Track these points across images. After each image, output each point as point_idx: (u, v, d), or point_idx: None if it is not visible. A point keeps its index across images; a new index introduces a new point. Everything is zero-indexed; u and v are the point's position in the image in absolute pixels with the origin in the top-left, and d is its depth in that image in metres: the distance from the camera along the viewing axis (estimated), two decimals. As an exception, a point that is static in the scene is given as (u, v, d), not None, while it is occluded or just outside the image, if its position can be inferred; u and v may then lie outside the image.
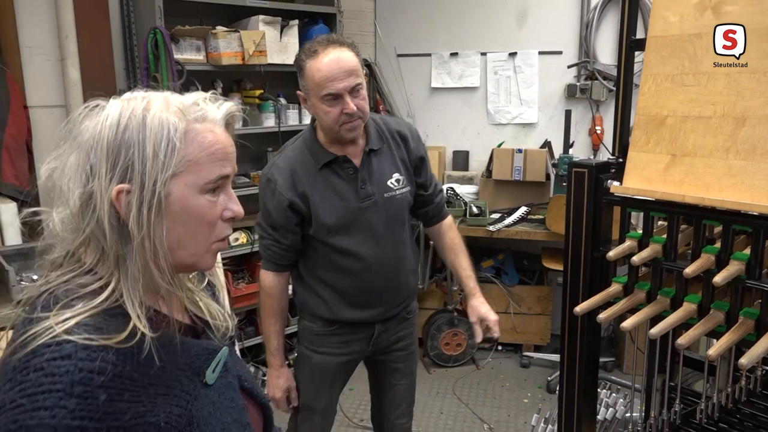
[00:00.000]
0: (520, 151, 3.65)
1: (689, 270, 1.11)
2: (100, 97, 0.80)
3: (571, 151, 3.51)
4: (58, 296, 0.75)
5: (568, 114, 3.44)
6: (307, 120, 3.55)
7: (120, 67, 3.09)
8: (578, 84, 3.78)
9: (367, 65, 3.95)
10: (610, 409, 1.66)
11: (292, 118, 3.48)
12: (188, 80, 2.94)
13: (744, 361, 0.99)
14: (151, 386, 0.74)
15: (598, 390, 1.80)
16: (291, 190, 1.68)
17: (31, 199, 0.92)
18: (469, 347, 3.69)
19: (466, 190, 3.81)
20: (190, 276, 0.91)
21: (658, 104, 1.23)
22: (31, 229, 0.87)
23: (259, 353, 3.41)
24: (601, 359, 3.63)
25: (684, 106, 1.20)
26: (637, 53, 1.36)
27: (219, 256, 0.90)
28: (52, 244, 0.80)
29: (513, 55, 3.89)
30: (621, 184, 1.28)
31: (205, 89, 2.56)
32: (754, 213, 1.11)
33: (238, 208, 0.84)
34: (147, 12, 2.91)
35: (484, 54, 3.95)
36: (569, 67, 3.79)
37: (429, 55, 4.04)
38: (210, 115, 0.81)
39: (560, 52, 3.82)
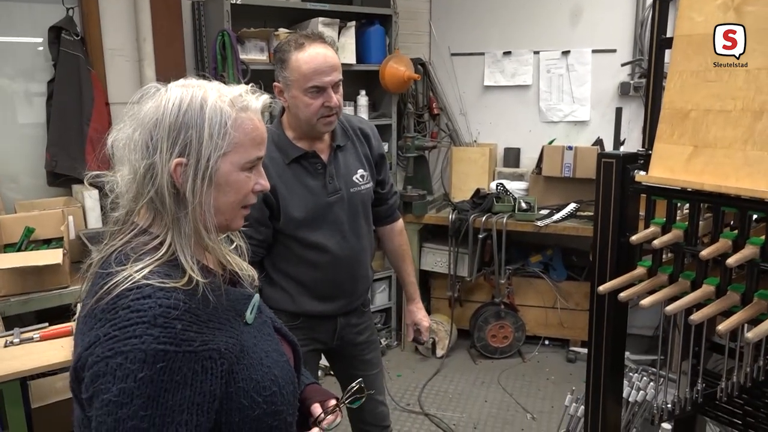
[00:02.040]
0: (570, 148, 3.69)
1: (705, 252, 1.19)
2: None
3: (622, 148, 3.53)
4: (127, 253, 0.92)
5: (618, 111, 3.46)
6: (361, 116, 3.72)
7: (191, 67, 3.33)
8: (632, 82, 3.79)
9: (421, 64, 4.07)
10: (641, 392, 1.73)
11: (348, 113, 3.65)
12: (252, 79, 3.16)
13: (750, 335, 1.07)
14: (210, 321, 0.92)
15: (634, 375, 1.88)
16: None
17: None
18: (515, 340, 3.76)
19: (516, 187, 3.88)
20: (221, 237, 1.09)
21: (682, 99, 1.31)
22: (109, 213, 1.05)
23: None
24: (652, 357, 3.64)
25: (707, 100, 1.27)
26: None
27: None
28: (116, 203, 0.97)
29: (566, 53, 3.93)
30: (647, 173, 1.37)
31: (267, 87, 2.75)
32: (772, 201, 1.18)
33: (266, 183, 1.02)
34: (216, 16, 3.14)
35: (537, 52, 4.01)
36: (623, 65, 3.80)
37: (482, 54, 4.13)
38: (252, 105, 0.98)
39: (614, 50, 3.83)
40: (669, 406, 1.47)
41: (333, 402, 1.15)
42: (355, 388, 1.18)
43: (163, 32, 3.16)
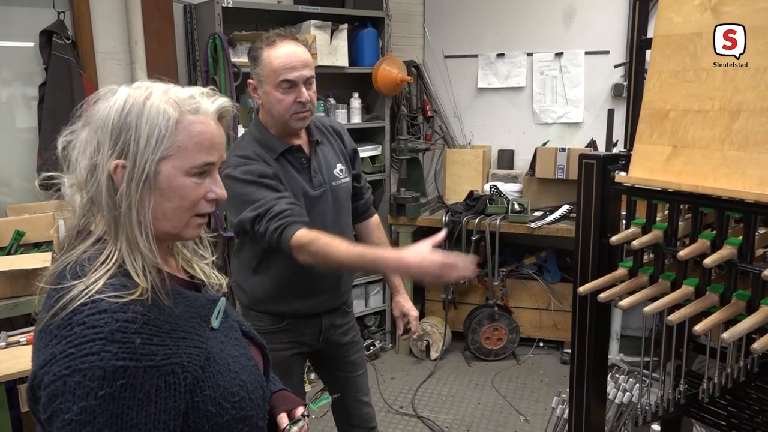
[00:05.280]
0: (563, 149, 3.68)
1: (683, 253, 1.19)
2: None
3: (615, 150, 3.52)
4: (83, 265, 0.88)
5: (611, 113, 3.45)
6: (354, 119, 3.72)
7: (183, 71, 3.34)
8: (625, 83, 3.79)
9: (415, 67, 4.08)
10: (627, 393, 1.73)
11: (340, 116, 3.65)
12: (243, 81, 3.16)
13: (726, 336, 1.07)
14: (173, 331, 0.90)
15: (620, 376, 1.87)
16: (267, 166, 1.71)
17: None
18: (509, 342, 3.76)
19: (509, 188, 3.88)
20: (189, 246, 1.07)
21: (661, 99, 1.31)
22: None
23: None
24: (646, 359, 3.63)
25: (685, 100, 1.27)
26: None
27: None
28: (66, 215, 0.94)
29: (559, 55, 3.94)
30: (627, 174, 1.36)
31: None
32: (750, 201, 1.17)
33: (221, 192, 0.97)
34: (208, 19, 3.15)
35: (530, 54, 4.01)
36: (616, 66, 3.80)
37: (476, 56, 4.14)
38: (203, 107, 0.94)
39: (607, 52, 3.84)
40: (652, 407, 1.47)
41: (300, 410, 1.14)
42: (318, 392, 1.17)
43: (155, 35, 3.16)
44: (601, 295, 1.28)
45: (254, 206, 1.64)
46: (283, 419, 1.12)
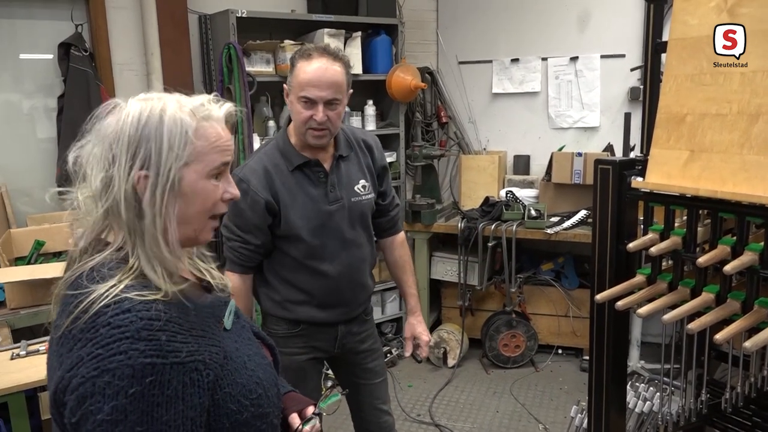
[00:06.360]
0: (580, 154, 3.65)
1: (702, 260, 1.16)
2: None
3: (632, 154, 3.48)
4: (99, 270, 0.89)
5: (627, 117, 3.42)
6: (369, 126, 3.72)
7: (198, 80, 3.37)
8: (642, 87, 3.74)
9: (429, 73, 4.07)
10: (648, 402, 1.70)
11: (355, 123, 3.66)
12: (258, 90, 3.18)
13: (748, 344, 1.04)
14: (193, 329, 0.91)
15: (641, 385, 1.84)
16: (265, 190, 1.74)
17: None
18: (527, 349, 3.72)
19: (526, 194, 3.85)
20: (194, 251, 1.08)
21: (678, 103, 1.29)
22: None
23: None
24: (666, 366, 3.58)
25: (702, 104, 1.25)
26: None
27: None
28: (80, 228, 0.95)
29: (574, 59, 3.90)
30: (644, 179, 1.35)
31: (273, 99, 2.76)
32: (771, 206, 1.15)
33: (235, 191, 1.01)
34: (222, 29, 3.17)
35: (545, 59, 3.98)
36: (632, 70, 3.77)
37: (490, 61, 4.12)
38: (213, 114, 0.98)
39: (623, 55, 3.79)
40: (673, 416, 1.44)
41: (311, 409, 1.14)
42: (329, 387, 1.18)
43: (171, 46, 3.19)
44: (619, 303, 1.27)
45: (225, 223, 1.76)
46: (294, 419, 1.13)
